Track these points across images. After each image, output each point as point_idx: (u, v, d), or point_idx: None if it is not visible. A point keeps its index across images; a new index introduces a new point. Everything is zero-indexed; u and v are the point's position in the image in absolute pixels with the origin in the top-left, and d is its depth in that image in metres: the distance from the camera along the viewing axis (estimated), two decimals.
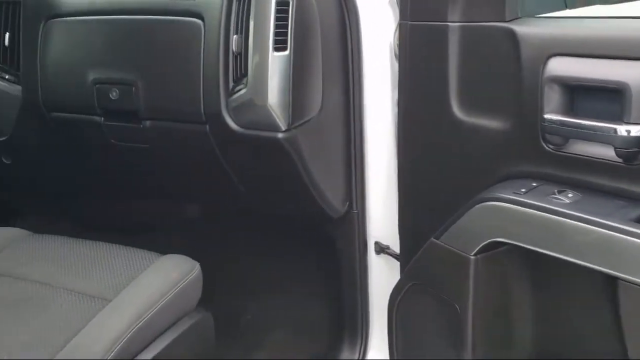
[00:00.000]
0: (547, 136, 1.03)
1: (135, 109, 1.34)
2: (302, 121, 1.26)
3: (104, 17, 1.37)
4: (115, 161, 1.52)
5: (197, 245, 1.54)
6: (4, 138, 1.55)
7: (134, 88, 1.32)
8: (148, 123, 1.35)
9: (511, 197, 1.04)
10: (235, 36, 1.23)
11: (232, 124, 1.26)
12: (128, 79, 1.33)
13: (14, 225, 2.04)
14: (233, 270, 1.66)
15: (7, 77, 1.50)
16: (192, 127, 1.31)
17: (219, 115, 1.25)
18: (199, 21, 1.26)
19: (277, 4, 1.18)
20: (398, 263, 1.40)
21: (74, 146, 1.53)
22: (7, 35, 1.48)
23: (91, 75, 1.36)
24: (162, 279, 1.21)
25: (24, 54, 1.45)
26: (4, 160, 1.61)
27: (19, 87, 1.48)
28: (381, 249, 1.48)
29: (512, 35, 1.05)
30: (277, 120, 1.21)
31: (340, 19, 1.34)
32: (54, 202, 1.77)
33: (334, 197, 1.39)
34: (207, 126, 1.29)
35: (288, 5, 1.19)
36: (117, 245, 1.35)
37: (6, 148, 1.58)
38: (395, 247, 1.42)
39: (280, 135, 1.23)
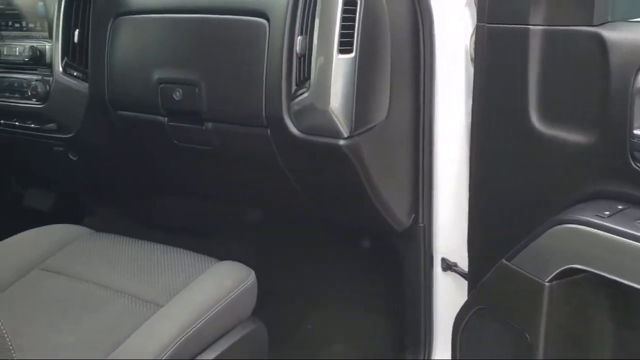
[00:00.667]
0: (637, 154, 0.93)
1: (198, 110, 1.31)
2: (365, 128, 1.19)
3: (171, 15, 1.34)
4: (178, 162, 1.50)
5: (256, 250, 1.51)
6: (71, 135, 1.56)
7: (197, 89, 1.29)
8: (210, 125, 1.32)
9: (593, 220, 0.94)
10: (299, 37, 1.17)
11: (293, 129, 1.20)
12: (192, 79, 1.29)
13: (80, 221, 2.09)
14: (292, 278, 1.61)
15: (75, 74, 1.51)
16: (253, 130, 1.26)
17: (281, 120, 1.20)
18: (264, 21, 1.21)
19: (344, 3, 1.12)
20: (466, 282, 1.31)
21: (138, 145, 1.52)
22: (76, 32, 1.48)
23: (156, 75, 1.34)
24: (216, 286, 1.18)
25: (92, 51, 1.45)
26: (71, 157, 1.62)
27: (86, 85, 1.48)
28: (448, 266, 1.39)
29: (600, 41, 0.96)
30: (339, 126, 1.15)
31: (412, 20, 1.26)
32: (118, 200, 1.78)
33: (398, 209, 1.32)
34: (269, 130, 1.24)
35: (356, 5, 1.12)
36: (174, 248, 1.32)
37: (73, 144, 1.58)
38: (464, 265, 1.34)
39: (341, 142, 1.16)
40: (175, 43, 1.33)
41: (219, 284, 1.17)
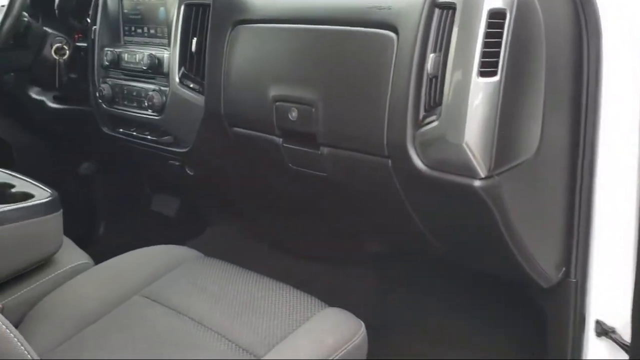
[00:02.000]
0: None
1: (313, 133, 1.16)
2: (509, 166, 0.97)
3: (290, 26, 1.20)
4: (293, 185, 1.36)
5: (369, 288, 1.34)
6: (186, 149, 1.47)
7: (313, 109, 1.14)
8: (326, 150, 1.16)
9: None
10: (432, 54, 0.98)
11: (418, 162, 1.01)
12: (308, 98, 1.15)
13: (202, 232, 2.03)
14: (409, 325, 1.42)
15: (191, 85, 1.42)
16: (373, 159, 1.09)
17: (404, 150, 1.02)
18: (392, 34, 1.03)
19: (490, 15, 0.91)
20: (625, 355, 1.07)
21: (253, 164, 1.40)
22: (194, 40, 1.39)
23: (272, 91, 1.21)
24: (319, 341, 1.02)
25: (209, 62, 1.34)
26: (188, 172, 1.54)
27: (202, 98, 1.38)
28: (604, 331, 1.14)
29: None
30: (475, 163, 0.94)
31: (575, 31, 1.02)
32: (232, 217, 1.68)
33: (545, 261, 1.09)
34: (390, 161, 1.06)
35: (504, 18, 0.91)
36: (281, 284, 1.19)
37: (189, 159, 1.50)
38: (624, 333, 1.09)
39: (477, 182, 0.96)
40: (293, 57, 1.19)
41: (324, 339, 1.02)
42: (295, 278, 1.44)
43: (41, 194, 1.31)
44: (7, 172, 1.46)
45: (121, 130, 1.62)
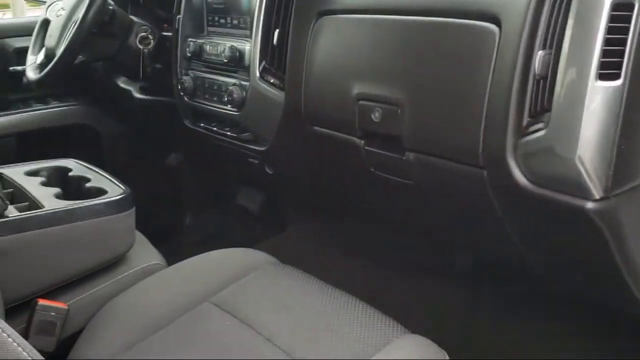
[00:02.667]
0: None
1: (398, 136, 1.04)
2: (629, 186, 0.82)
3: (379, 17, 1.08)
4: (374, 191, 1.25)
5: (452, 306, 1.21)
6: (265, 147, 1.39)
7: (399, 110, 1.02)
8: (412, 156, 1.04)
9: None
10: (540, 52, 0.84)
11: (519, 176, 0.88)
12: (394, 97, 1.03)
13: (276, 233, 1.95)
14: (503, 350, 1.28)
15: (272, 80, 1.33)
16: (465, 169, 0.96)
17: (503, 162, 0.89)
18: (493, 27, 0.90)
19: (613, 7, 0.76)
20: None
21: (332, 166, 1.30)
22: (276, 32, 1.30)
23: (355, 89, 1.10)
24: None
25: (291, 56, 1.25)
26: (267, 170, 1.46)
27: (282, 94, 1.29)
28: None
29: None
30: (588, 182, 0.80)
31: None
32: (310, 218, 1.59)
33: None
34: (485, 172, 0.93)
35: (631, 10, 0.76)
36: (357, 301, 1.08)
37: (268, 158, 1.42)
38: None
39: (590, 205, 0.81)
40: (380, 51, 1.07)
41: None
42: (373, 288, 1.34)
43: (114, 190, 1.27)
44: (84, 164, 1.44)
45: (202, 124, 1.56)
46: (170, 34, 1.70)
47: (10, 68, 2.05)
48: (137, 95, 1.89)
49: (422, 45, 1.00)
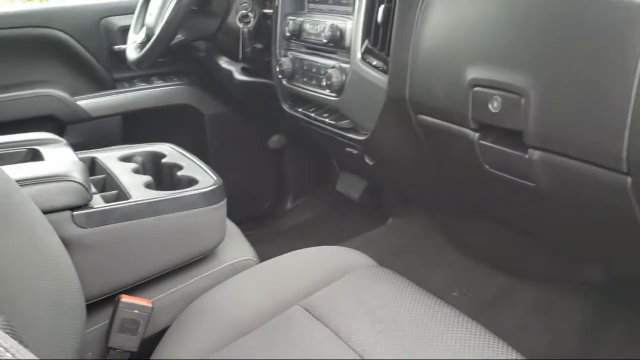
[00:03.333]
0: None
1: (520, 131, 0.89)
2: None
3: None
4: (489, 190, 1.10)
5: (576, 321, 1.04)
6: (365, 137, 1.26)
7: (523, 100, 0.87)
8: (536, 154, 0.88)
9: None
10: None
11: None
12: (516, 85, 0.87)
13: (376, 224, 1.83)
14: None
15: (374, 62, 1.20)
16: (603, 173, 0.80)
17: None
18: None
19: None
20: None
21: (440, 160, 1.16)
22: (381, 7, 1.16)
23: (470, 74, 0.95)
24: None
25: (397, 35, 1.12)
26: (367, 161, 1.34)
27: (385, 78, 1.15)
28: None
29: None
30: None
31: None
32: (414, 214, 1.45)
33: None
34: (629, 179, 0.76)
35: None
36: (464, 318, 0.95)
37: (368, 148, 1.29)
38: None
39: None
40: (501, 29, 0.91)
41: None
42: (482, 296, 1.19)
43: (206, 180, 1.19)
44: (179, 150, 1.38)
45: (300, 110, 1.46)
46: (271, 11, 1.60)
47: (115, 47, 2.05)
48: (238, 76, 1.82)
49: (554, 23, 0.83)
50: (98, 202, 1.08)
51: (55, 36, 1.99)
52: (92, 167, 1.34)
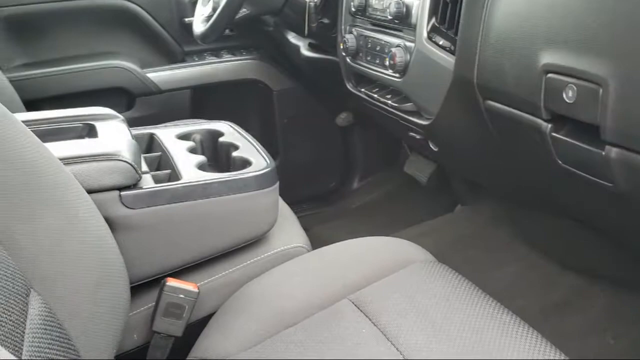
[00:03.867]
0: None
1: (597, 125, 0.79)
2: None
3: None
4: (560, 185, 1.00)
5: None
6: (429, 121, 1.18)
7: (601, 90, 0.77)
8: (614, 152, 0.79)
9: None
10: None
11: None
12: (595, 73, 0.77)
13: (442, 211, 1.75)
14: None
15: (441, 42, 1.11)
16: None
17: None
18: None
19: None
20: None
21: (508, 149, 1.07)
22: None
23: (543, 58, 0.86)
24: None
25: (466, 12, 1.02)
26: (432, 147, 1.26)
27: (452, 59, 1.07)
28: None
29: None
30: None
31: None
32: (486, 201, 1.36)
33: None
34: None
35: None
36: (524, 326, 0.87)
37: (432, 133, 1.21)
38: None
39: None
40: (582, 9, 0.81)
41: None
42: (549, 297, 1.11)
43: (259, 162, 1.15)
44: (237, 129, 1.34)
45: (363, 89, 1.39)
46: None
47: (185, 19, 2.03)
48: (304, 52, 1.77)
49: None
50: (148, 182, 1.05)
51: (126, 7, 1.99)
52: (150, 143, 1.32)
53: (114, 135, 1.12)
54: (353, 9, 1.37)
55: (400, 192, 2.11)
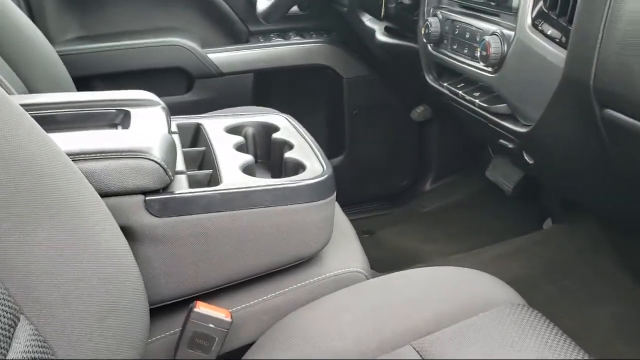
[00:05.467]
0: None
1: None
2: None
3: None
4: None
5: None
6: (527, 129, 0.96)
7: None
8: None
9: None
10: None
11: None
12: None
13: (527, 229, 1.52)
14: None
15: (549, 32, 0.88)
16: None
17: None
18: None
19: None
20: None
21: (629, 169, 0.84)
22: None
23: None
24: None
25: None
26: (526, 158, 1.03)
27: (562, 54, 0.84)
28: None
29: None
30: None
31: None
32: (585, 222, 1.13)
33: None
34: None
35: None
36: None
37: (529, 143, 0.99)
38: None
39: None
40: None
41: None
42: None
43: (314, 168, 0.96)
44: (294, 124, 1.16)
45: (446, 84, 1.17)
46: None
47: None
48: (380, 37, 1.56)
49: None
50: (181, 185, 0.89)
51: None
52: (196, 136, 1.16)
53: (148, 126, 0.95)
54: None
55: (479, 199, 1.89)
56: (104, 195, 0.80)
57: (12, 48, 1.36)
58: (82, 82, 1.66)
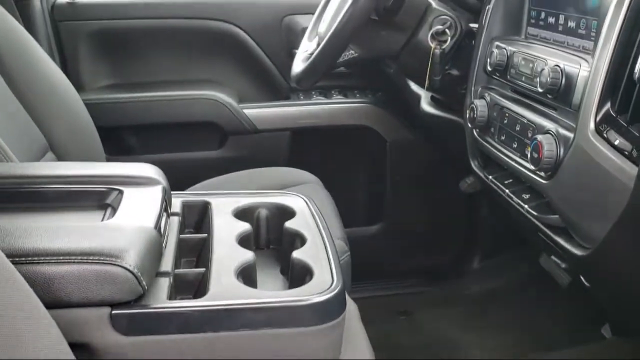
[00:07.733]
0: None
1: None
2: None
3: None
4: None
5: None
6: (585, 252, 0.78)
7: None
8: None
9: None
10: None
11: None
12: None
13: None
14: None
15: (616, 142, 0.70)
16: None
17: None
18: None
19: None
20: None
21: None
22: None
23: None
24: None
25: None
26: (583, 281, 0.85)
27: (633, 171, 0.67)
28: None
29: None
30: None
31: None
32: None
33: None
34: None
35: None
36: None
37: (587, 268, 0.81)
38: None
39: None
40: None
41: None
42: None
43: (323, 276, 0.80)
44: (314, 210, 1.01)
45: (491, 177, 1.01)
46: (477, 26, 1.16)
47: (295, 50, 1.74)
48: (425, 106, 1.42)
49: None
50: (158, 293, 0.75)
51: (230, 31, 1.76)
52: (202, 216, 1.03)
53: (135, 215, 0.82)
54: (489, 68, 0.99)
55: (529, 286, 1.69)
56: (63, 306, 0.67)
57: (35, 97, 1.30)
58: (111, 133, 1.58)
